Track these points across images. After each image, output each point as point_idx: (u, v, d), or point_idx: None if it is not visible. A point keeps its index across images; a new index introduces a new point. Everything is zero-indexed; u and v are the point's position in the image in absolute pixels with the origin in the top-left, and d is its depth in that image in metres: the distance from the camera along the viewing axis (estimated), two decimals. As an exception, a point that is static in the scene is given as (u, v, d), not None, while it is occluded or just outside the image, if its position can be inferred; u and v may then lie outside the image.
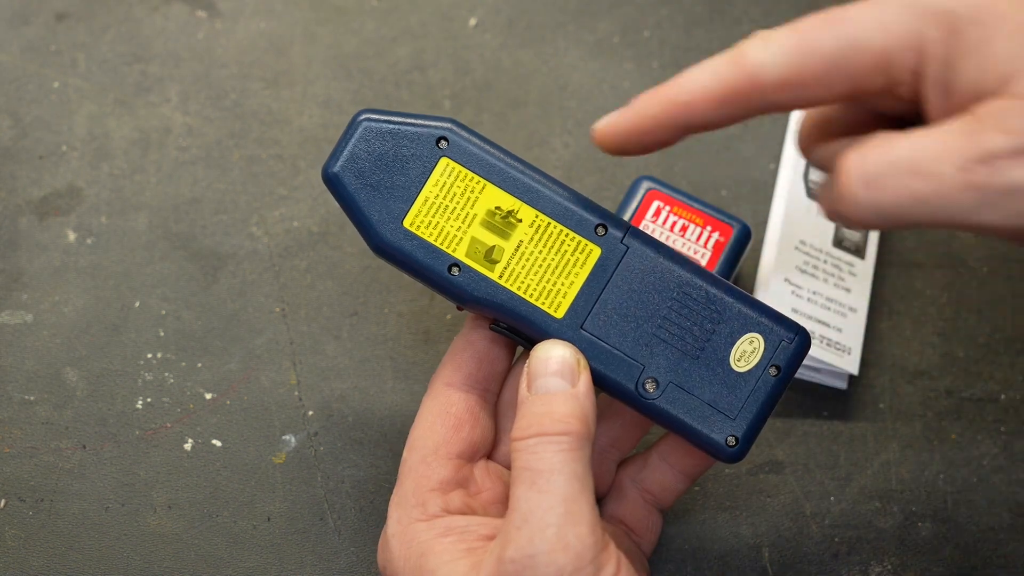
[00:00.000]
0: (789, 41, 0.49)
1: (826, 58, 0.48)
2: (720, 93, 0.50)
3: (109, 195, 0.77)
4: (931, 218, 0.46)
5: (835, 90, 0.49)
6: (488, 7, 0.84)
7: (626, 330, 0.56)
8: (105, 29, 0.82)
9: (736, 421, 0.56)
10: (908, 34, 0.47)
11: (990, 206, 0.45)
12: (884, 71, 0.48)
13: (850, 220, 0.48)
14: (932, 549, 0.68)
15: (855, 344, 0.71)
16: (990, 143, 0.44)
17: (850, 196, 0.47)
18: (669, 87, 0.52)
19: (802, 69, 0.49)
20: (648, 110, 0.52)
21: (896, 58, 0.48)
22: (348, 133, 0.57)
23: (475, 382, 0.59)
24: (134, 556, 0.67)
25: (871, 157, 0.47)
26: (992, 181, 0.45)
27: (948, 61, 0.46)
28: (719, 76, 0.50)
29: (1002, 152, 0.44)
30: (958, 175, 0.45)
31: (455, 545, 0.55)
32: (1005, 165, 0.44)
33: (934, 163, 0.45)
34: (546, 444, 0.53)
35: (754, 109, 0.51)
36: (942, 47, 0.47)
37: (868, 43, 0.48)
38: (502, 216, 0.57)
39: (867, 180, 0.47)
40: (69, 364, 0.72)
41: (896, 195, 0.46)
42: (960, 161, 0.45)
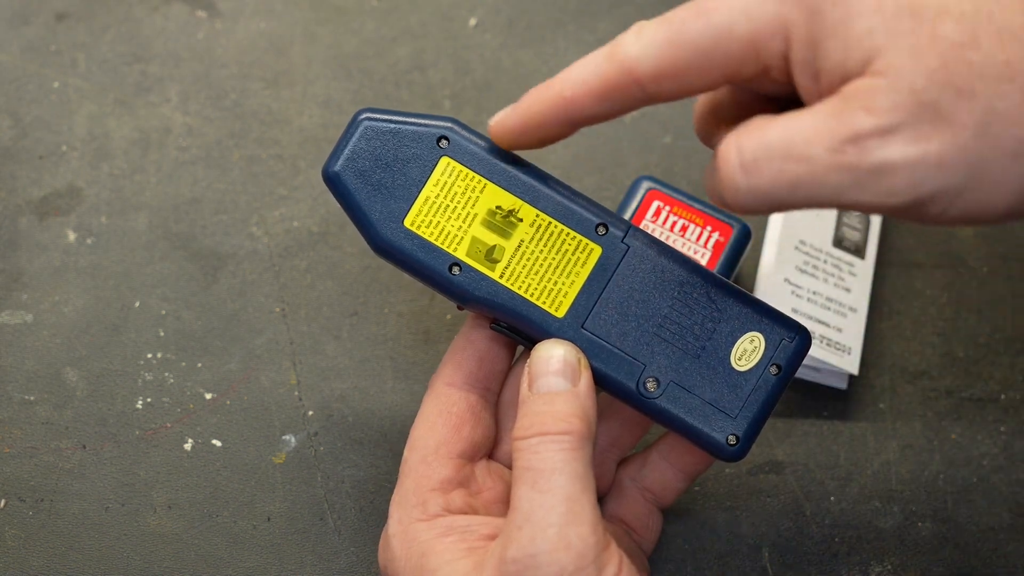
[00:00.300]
0: (660, 33, 0.49)
1: (696, 48, 0.49)
2: (600, 87, 0.51)
3: (109, 195, 0.77)
4: (808, 199, 0.46)
5: (710, 78, 0.49)
6: (488, 7, 0.84)
7: (627, 329, 0.56)
8: (105, 29, 0.82)
9: (737, 420, 0.56)
10: (772, 19, 0.47)
11: (861, 186, 0.45)
12: (754, 57, 0.48)
13: (733, 205, 0.48)
14: (932, 549, 0.68)
15: (855, 344, 0.71)
16: (857, 123, 0.45)
17: (729, 181, 0.47)
18: (553, 83, 0.53)
19: (674, 60, 0.49)
20: (534, 107, 0.53)
21: (763, 44, 0.48)
22: (348, 132, 0.57)
23: (476, 381, 0.59)
24: (134, 556, 0.67)
25: (746, 142, 0.47)
26: (861, 161, 0.45)
27: (812, 43, 0.46)
28: (598, 71, 0.51)
29: (869, 132, 0.44)
30: (829, 156, 0.45)
31: (456, 545, 0.55)
32: (873, 144, 0.44)
33: (805, 145, 0.45)
34: (547, 443, 0.53)
35: (636, 101, 0.51)
36: (805, 30, 0.47)
37: (734, 31, 0.48)
38: (503, 215, 0.57)
39: (743, 165, 0.47)
40: (69, 364, 0.72)
41: (772, 178, 0.46)
42: (830, 142, 0.45)
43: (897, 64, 0.44)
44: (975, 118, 0.44)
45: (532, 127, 0.54)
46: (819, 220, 0.74)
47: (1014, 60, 0.44)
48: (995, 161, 0.44)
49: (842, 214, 0.74)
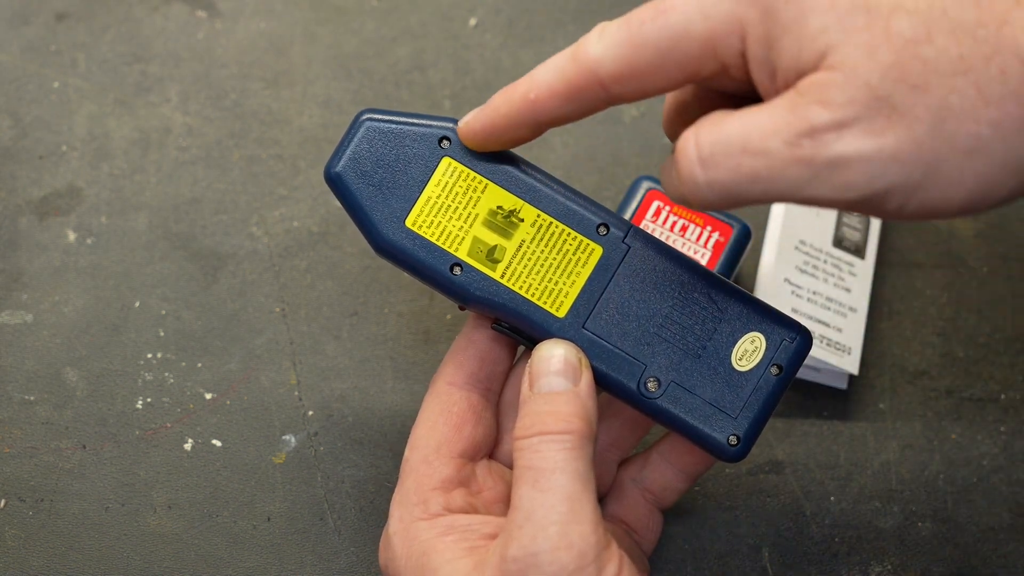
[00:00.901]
0: (620, 33, 0.50)
1: (656, 49, 0.49)
2: (564, 89, 0.51)
3: (109, 195, 0.77)
4: (766, 194, 0.47)
5: (671, 78, 0.50)
6: (488, 7, 0.84)
7: (628, 329, 0.56)
8: (105, 29, 0.82)
9: (738, 420, 0.56)
10: (727, 18, 0.47)
11: (818, 179, 0.45)
12: (712, 56, 0.48)
13: (692, 200, 0.48)
14: (932, 549, 0.68)
15: (855, 344, 0.71)
16: (812, 117, 0.45)
17: (688, 176, 0.47)
18: (518, 85, 0.53)
19: (635, 61, 0.49)
20: (501, 109, 0.54)
21: (720, 43, 0.48)
22: (350, 133, 0.57)
23: (477, 381, 0.59)
24: (134, 556, 0.67)
25: (703, 136, 0.47)
26: (817, 154, 0.45)
27: (768, 41, 0.47)
28: (562, 72, 0.51)
29: (824, 125, 0.45)
30: (786, 150, 0.45)
31: (457, 544, 0.55)
32: (829, 138, 0.45)
33: (763, 139, 0.46)
34: (548, 443, 0.53)
35: (600, 102, 0.51)
36: (760, 28, 0.47)
37: (691, 31, 0.48)
38: (504, 216, 0.57)
39: (702, 159, 0.47)
40: (69, 364, 0.72)
41: (730, 173, 0.46)
42: (786, 136, 0.45)
43: (851, 59, 0.44)
44: (930, 113, 0.44)
45: (499, 129, 0.54)
46: (819, 220, 0.74)
47: (968, 55, 0.44)
48: (950, 157, 0.44)
49: (842, 214, 0.74)
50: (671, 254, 0.57)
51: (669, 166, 0.50)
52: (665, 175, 0.51)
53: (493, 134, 0.55)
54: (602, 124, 0.80)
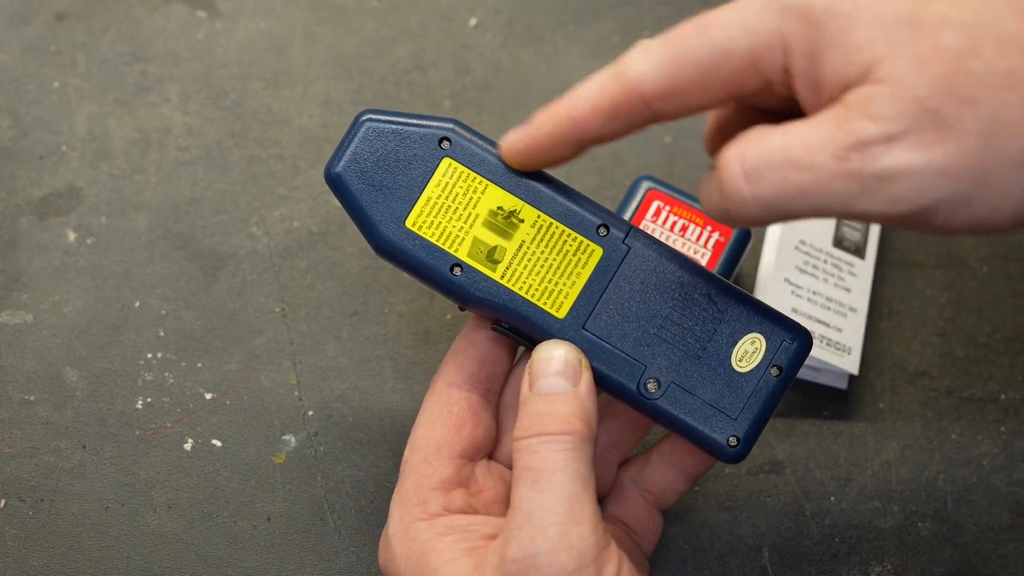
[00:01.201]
0: (663, 51, 0.49)
1: (699, 66, 0.49)
2: (607, 107, 0.51)
3: (109, 195, 0.77)
4: (812, 208, 0.46)
5: (714, 95, 0.50)
6: (488, 7, 0.84)
7: (628, 330, 0.56)
8: (105, 29, 0.82)
9: (738, 421, 0.56)
10: (771, 33, 0.47)
11: (867, 193, 0.45)
12: (755, 72, 0.48)
13: (736, 216, 0.48)
14: (932, 549, 0.68)
15: (855, 344, 0.71)
16: (861, 130, 0.45)
17: (733, 191, 0.47)
18: (561, 104, 0.53)
19: (678, 78, 0.49)
20: (544, 128, 0.54)
21: (763, 59, 0.48)
22: (350, 133, 0.57)
23: (477, 382, 0.59)
24: (134, 556, 0.67)
25: (748, 150, 0.47)
26: (867, 168, 0.45)
27: (812, 55, 0.47)
28: (605, 91, 0.51)
29: (873, 138, 0.44)
30: (834, 164, 0.45)
31: (456, 544, 0.55)
32: (878, 151, 0.44)
33: (810, 153, 0.45)
34: (548, 443, 0.53)
35: (643, 119, 0.51)
36: (805, 42, 0.47)
37: (734, 47, 0.48)
38: (504, 216, 0.57)
39: (747, 173, 0.47)
40: (69, 364, 0.72)
41: (776, 187, 0.46)
42: (834, 149, 0.45)
43: (899, 72, 0.44)
44: (979, 126, 0.44)
45: (542, 148, 0.54)
46: (819, 220, 0.74)
47: (1016, 68, 0.44)
48: (1000, 170, 0.44)
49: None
50: (671, 255, 0.57)
51: (708, 181, 0.50)
52: (704, 190, 0.51)
53: (536, 153, 0.55)
54: (602, 124, 0.80)
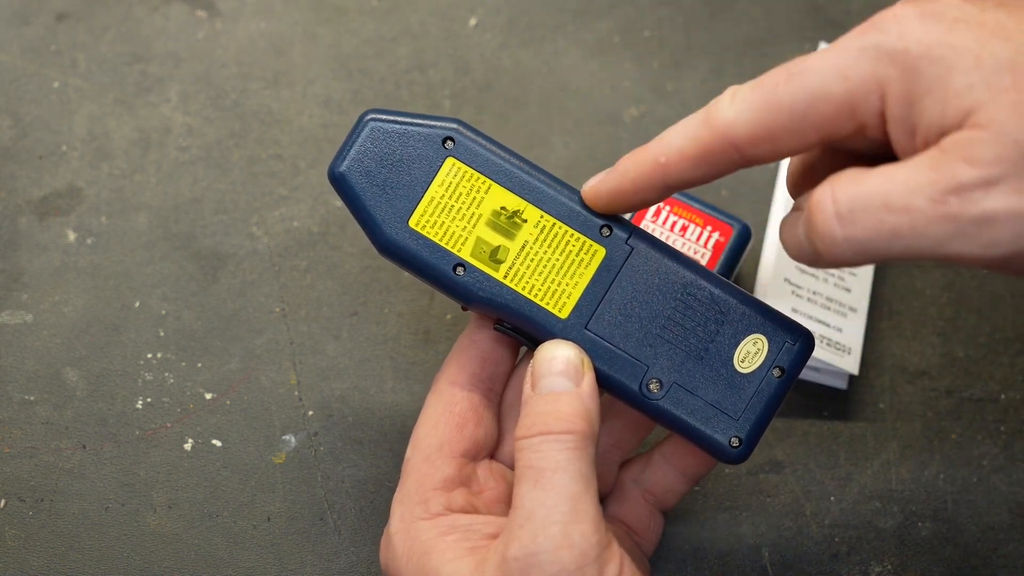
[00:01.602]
0: (755, 97, 0.50)
1: (792, 112, 0.49)
2: (697, 153, 0.51)
3: (109, 195, 0.76)
4: (907, 251, 0.46)
5: (806, 140, 0.50)
6: (488, 7, 0.84)
7: (630, 330, 0.57)
8: (105, 29, 0.82)
9: (740, 422, 0.56)
10: (867, 79, 0.47)
11: (965, 236, 0.45)
12: (849, 117, 0.48)
13: (826, 257, 0.48)
14: (932, 549, 0.69)
15: (855, 344, 0.71)
16: (960, 174, 0.45)
17: (825, 232, 0.47)
18: (648, 149, 0.53)
19: (770, 124, 0.49)
20: (630, 173, 0.54)
21: (859, 103, 0.48)
22: (355, 133, 0.57)
23: (479, 381, 0.59)
24: (134, 556, 0.67)
25: (842, 192, 0.47)
26: (965, 211, 0.45)
27: (909, 101, 0.47)
28: (694, 137, 0.51)
29: (972, 183, 0.45)
30: (931, 207, 0.45)
31: (458, 544, 0.55)
32: (977, 196, 0.45)
33: (906, 196, 0.46)
34: (550, 443, 0.53)
35: (733, 165, 0.51)
36: (902, 87, 0.47)
37: (829, 93, 0.48)
38: (507, 216, 0.57)
39: (840, 215, 0.47)
40: (69, 364, 0.72)
41: (870, 229, 0.46)
42: (931, 193, 0.45)
43: (999, 118, 0.44)
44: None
45: (627, 193, 0.54)
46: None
47: None
48: None
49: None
50: (674, 256, 0.57)
51: (794, 222, 0.50)
52: (788, 231, 0.51)
53: (621, 198, 0.55)
54: (602, 124, 0.80)
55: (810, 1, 0.83)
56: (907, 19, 0.47)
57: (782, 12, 0.83)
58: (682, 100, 0.80)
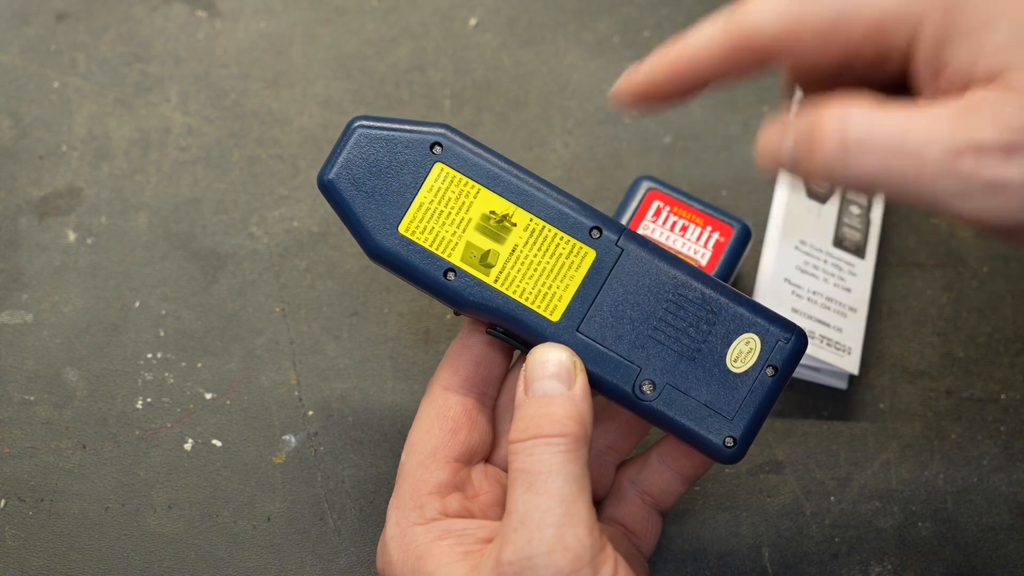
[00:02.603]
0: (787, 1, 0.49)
1: (821, 23, 0.48)
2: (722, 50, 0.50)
3: (109, 195, 0.77)
4: (905, 195, 0.45)
5: (828, 54, 0.49)
6: (488, 7, 0.84)
7: (622, 332, 0.56)
8: (105, 29, 0.82)
9: (734, 422, 0.56)
10: (904, 6, 0.46)
11: (970, 198, 0.44)
12: (877, 41, 0.47)
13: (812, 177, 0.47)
14: (932, 549, 0.68)
15: (855, 344, 0.71)
16: (981, 134, 0.44)
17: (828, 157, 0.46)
18: (676, 44, 0.52)
19: (798, 31, 0.48)
20: (659, 66, 0.52)
21: (890, 30, 0.47)
22: (342, 140, 0.57)
23: (473, 386, 0.59)
24: (134, 556, 0.67)
25: (855, 121, 0.46)
26: (977, 173, 0.44)
27: (942, 40, 0.46)
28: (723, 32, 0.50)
29: (992, 145, 0.43)
30: (944, 160, 0.44)
31: (453, 548, 0.55)
32: (993, 159, 0.44)
33: (921, 144, 0.44)
34: (543, 446, 0.53)
35: (753, 65, 0.50)
36: (938, 24, 0.46)
37: (863, 12, 0.47)
38: (497, 220, 0.57)
39: (846, 144, 0.45)
40: (69, 364, 0.72)
41: (877, 168, 0.45)
42: (948, 146, 0.44)
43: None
44: None
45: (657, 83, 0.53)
46: (819, 220, 0.74)
47: None
48: None
49: (842, 214, 0.74)
50: (664, 256, 0.57)
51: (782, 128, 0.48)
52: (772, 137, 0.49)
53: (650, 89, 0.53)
54: (602, 124, 0.80)
55: None
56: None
57: (782, 11, 0.83)
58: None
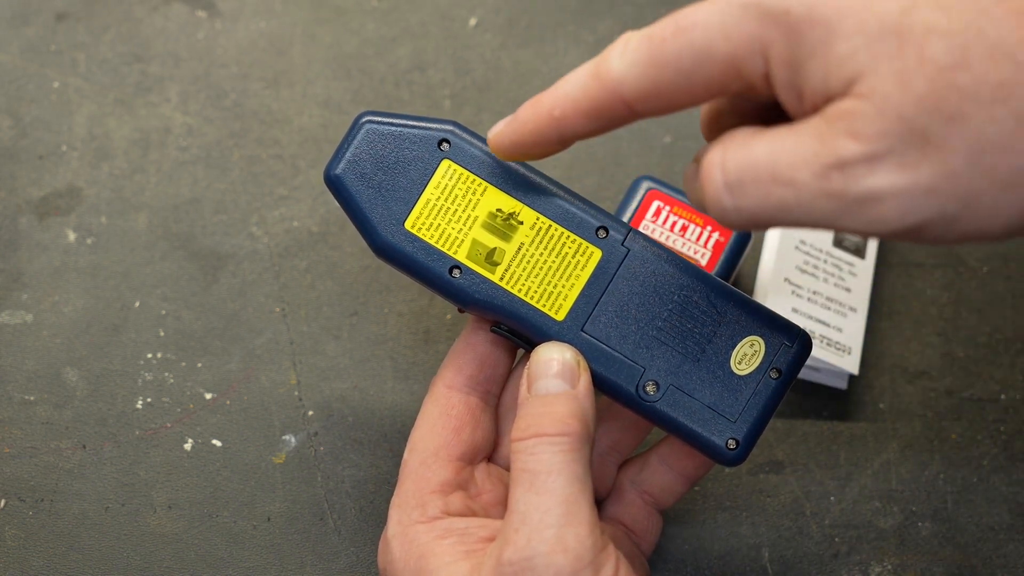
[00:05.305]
0: (642, 50, 0.48)
1: (678, 69, 0.47)
2: (587, 106, 0.50)
3: (109, 195, 0.77)
4: (796, 223, 0.45)
5: (696, 96, 0.48)
6: (488, 7, 0.84)
7: (627, 332, 0.56)
8: (105, 29, 0.82)
9: (737, 424, 0.56)
10: (749, 39, 0.45)
11: (850, 213, 0.43)
12: (736, 77, 0.46)
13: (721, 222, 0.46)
14: (932, 549, 0.68)
15: (855, 344, 0.71)
16: (842, 149, 0.43)
17: (715, 201, 0.46)
18: (543, 100, 0.52)
19: (658, 81, 0.48)
20: (528, 124, 0.52)
21: (743, 65, 0.46)
22: (350, 135, 0.57)
23: (476, 384, 0.59)
24: (134, 556, 0.67)
25: (730, 160, 0.45)
26: (848, 188, 0.43)
27: (792, 64, 0.44)
28: (585, 89, 0.50)
29: (854, 158, 0.42)
30: (814, 183, 0.43)
31: (455, 547, 0.55)
32: (859, 172, 0.43)
33: (791, 169, 0.44)
34: (545, 445, 0.53)
35: (623, 119, 0.50)
36: (784, 51, 0.45)
37: (713, 52, 0.46)
38: (503, 218, 0.57)
39: (728, 185, 0.45)
40: (69, 364, 0.72)
41: (758, 201, 0.45)
42: (815, 168, 0.43)
43: (882, 88, 0.42)
44: (966, 145, 0.42)
45: (526, 144, 0.53)
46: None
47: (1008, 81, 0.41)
48: (989, 190, 0.42)
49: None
50: (670, 258, 0.57)
51: (693, 176, 0.48)
52: (689, 185, 0.49)
53: (521, 147, 0.54)
54: (602, 124, 0.80)
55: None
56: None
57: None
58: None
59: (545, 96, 0.52)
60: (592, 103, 0.50)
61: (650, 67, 0.48)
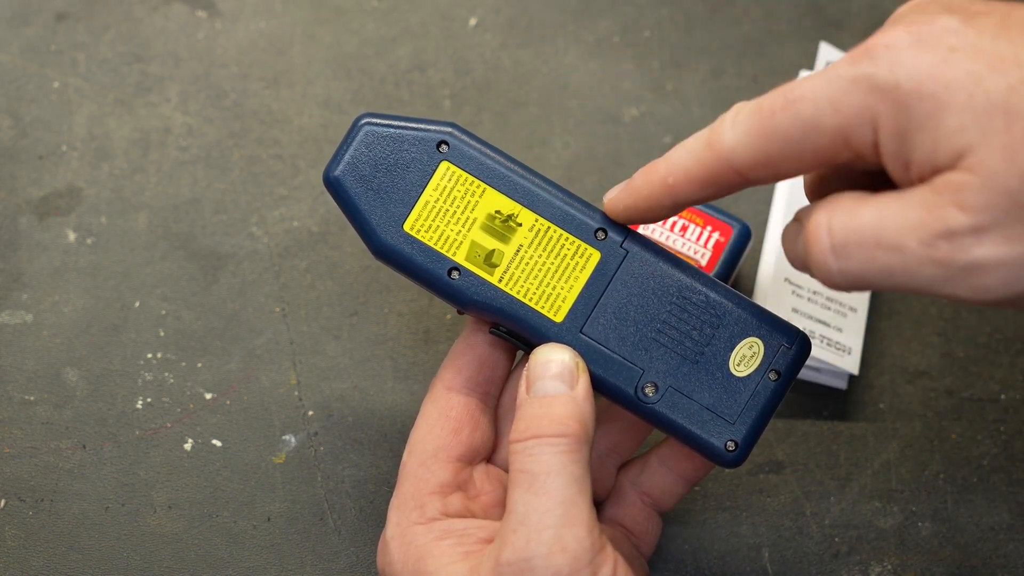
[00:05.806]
0: (752, 123, 0.49)
1: (788, 140, 0.49)
2: (700, 175, 0.51)
3: (109, 195, 0.77)
4: (899, 287, 0.47)
5: (805, 165, 0.49)
6: (488, 7, 0.84)
7: (625, 334, 0.56)
8: (105, 29, 0.82)
9: (736, 426, 0.56)
10: (859, 112, 0.47)
11: (954, 281, 0.45)
12: (844, 147, 0.48)
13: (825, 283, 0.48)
14: (932, 549, 0.68)
15: (855, 344, 0.71)
16: (950, 219, 0.44)
17: (821, 263, 0.48)
18: (658, 167, 0.53)
19: (769, 151, 0.49)
20: (643, 190, 0.54)
21: (852, 136, 0.47)
22: (349, 137, 0.57)
23: (475, 385, 0.59)
24: (134, 556, 0.67)
25: (836, 223, 0.47)
26: (954, 257, 0.45)
27: (901, 136, 0.46)
28: (699, 160, 0.51)
29: (961, 229, 0.44)
30: (921, 250, 0.45)
31: (453, 548, 0.55)
32: (967, 243, 0.44)
33: (898, 236, 0.45)
34: (543, 446, 0.53)
35: (736, 186, 0.51)
36: (893, 123, 0.46)
37: (822, 123, 0.48)
38: (502, 220, 0.57)
39: (834, 248, 0.47)
40: (69, 364, 0.72)
41: (863, 265, 0.46)
42: (923, 236, 0.45)
43: (989, 163, 0.44)
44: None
45: (640, 208, 0.55)
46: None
47: None
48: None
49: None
50: (669, 259, 0.57)
51: (794, 235, 0.50)
52: (789, 244, 0.51)
53: (635, 212, 0.55)
54: (602, 124, 0.80)
55: (810, 1, 0.83)
56: (899, 48, 0.46)
57: (782, 12, 0.83)
58: (682, 100, 0.80)
59: (659, 164, 0.53)
60: (705, 172, 0.51)
61: (760, 138, 0.49)
